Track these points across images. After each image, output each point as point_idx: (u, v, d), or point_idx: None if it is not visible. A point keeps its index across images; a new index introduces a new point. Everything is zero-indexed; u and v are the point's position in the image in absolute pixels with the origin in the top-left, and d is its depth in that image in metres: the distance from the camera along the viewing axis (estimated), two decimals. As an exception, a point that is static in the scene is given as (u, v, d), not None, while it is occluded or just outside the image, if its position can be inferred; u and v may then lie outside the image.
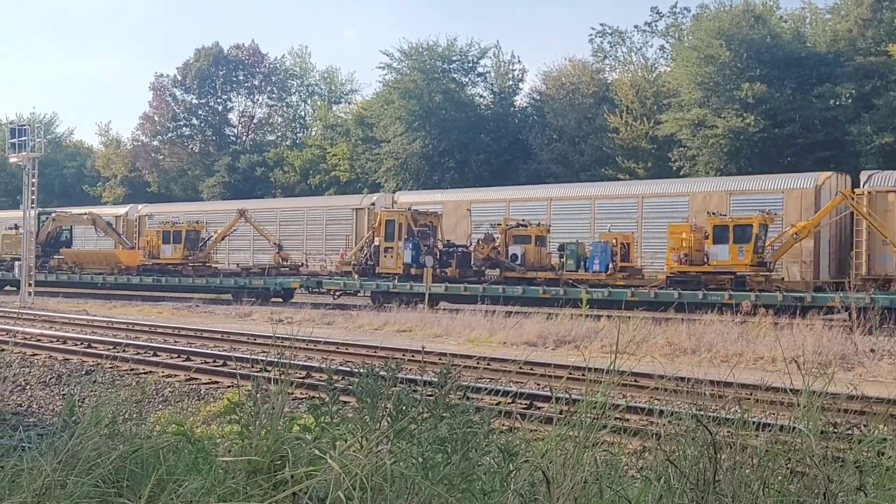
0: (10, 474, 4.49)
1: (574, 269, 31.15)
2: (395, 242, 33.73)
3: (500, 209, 38.66)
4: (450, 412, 4.38)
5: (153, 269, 41.29)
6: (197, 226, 42.09)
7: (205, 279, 39.67)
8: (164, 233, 41.54)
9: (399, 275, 33.35)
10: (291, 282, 37.43)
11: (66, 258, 45.58)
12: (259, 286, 37.19)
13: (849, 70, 45.21)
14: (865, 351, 18.60)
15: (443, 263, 33.34)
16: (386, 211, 35.43)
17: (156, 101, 78.23)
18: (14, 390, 15.15)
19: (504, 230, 32.87)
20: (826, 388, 4.72)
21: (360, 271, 34.98)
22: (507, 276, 32.13)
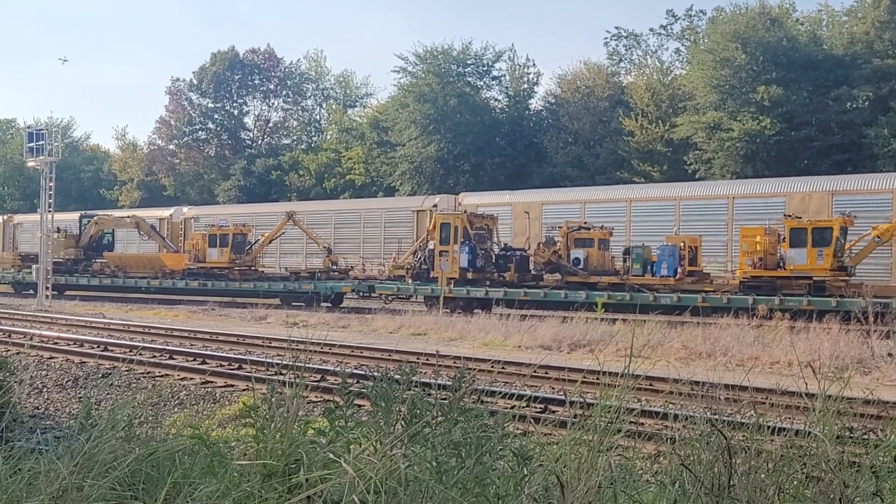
0: (27, 477, 4.52)
1: (640, 274, 29.94)
2: (451, 246, 32.57)
3: (574, 211, 37.36)
4: (464, 416, 4.38)
5: (199, 273, 40.26)
6: (244, 229, 40.95)
7: (252, 283, 38.81)
8: (211, 236, 40.45)
9: (455, 279, 32.27)
10: (342, 286, 36.28)
11: (109, 262, 44.80)
12: (309, 291, 36.18)
13: (866, 73, 45.01)
14: (882, 355, 18.48)
15: (500, 267, 32.39)
16: (441, 213, 34.31)
17: (172, 105, 78.66)
18: (31, 393, 15.24)
19: (565, 233, 31.75)
20: (842, 393, 4.70)
21: (414, 275, 33.80)
22: (568, 281, 31.05)
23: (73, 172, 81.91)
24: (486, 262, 32.31)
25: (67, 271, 44.51)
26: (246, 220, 44.16)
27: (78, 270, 44.65)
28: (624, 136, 52.69)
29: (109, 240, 47.98)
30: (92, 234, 45.90)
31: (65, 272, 44.29)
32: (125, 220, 46.79)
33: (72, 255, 45.05)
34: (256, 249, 40.92)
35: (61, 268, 44.23)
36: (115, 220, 47.74)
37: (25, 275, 45.40)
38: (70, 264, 44.84)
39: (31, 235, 58.50)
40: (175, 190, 76.54)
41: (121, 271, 43.63)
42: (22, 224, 61.77)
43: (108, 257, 45.29)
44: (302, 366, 5.11)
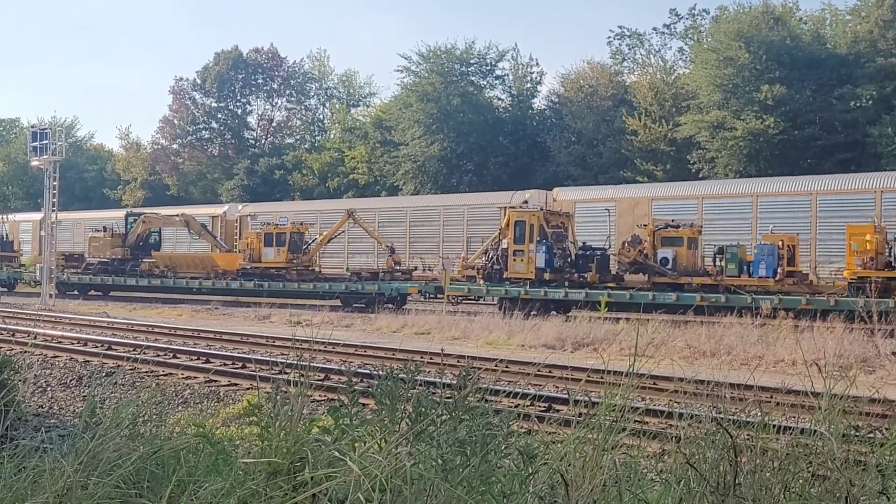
0: (32, 475, 4.52)
1: (736, 275, 28.15)
2: (526, 245, 30.92)
3: (689, 207, 35.01)
4: (469, 414, 4.38)
5: (253, 274, 38.70)
6: (301, 227, 39.51)
7: (312, 284, 37.34)
8: (267, 235, 38.84)
9: (531, 280, 30.53)
10: (409, 287, 34.91)
11: (158, 262, 43.47)
12: (372, 292, 34.85)
13: (869, 71, 44.96)
14: (887, 354, 18.46)
15: (580, 267, 30.73)
16: (515, 211, 32.67)
17: (175, 104, 78.71)
18: (35, 392, 15.27)
19: (651, 232, 29.96)
20: (847, 391, 4.69)
21: (486, 276, 32.01)
22: (655, 282, 29.31)
23: (76, 172, 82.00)
24: (564, 261, 30.83)
25: (114, 272, 43.49)
26: (305, 218, 42.94)
27: (125, 271, 43.44)
28: (627, 135, 52.66)
29: (156, 239, 46.49)
30: (139, 232, 44.57)
31: (111, 273, 43.41)
32: (174, 218, 44.95)
33: (118, 255, 43.87)
34: (314, 249, 39.46)
35: (108, 268, 43.52)
36: (164, 219, 46.09)
37: (70, 275, 44.60)
38: (117, 264, 43.73)
39: (70, 234, 57.62)
40: (178, 189, 76.62)
41: (170, 272, 42.31)
42: (60, 222, 60.42)
43: (156, 257, 43.97)
44: (306, 364, 5.10)
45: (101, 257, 44.13)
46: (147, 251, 44.53)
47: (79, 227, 57.23)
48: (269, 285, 37.50)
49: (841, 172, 37.64)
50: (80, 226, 56.92)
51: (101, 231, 45.48)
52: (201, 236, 44.29)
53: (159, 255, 44.35)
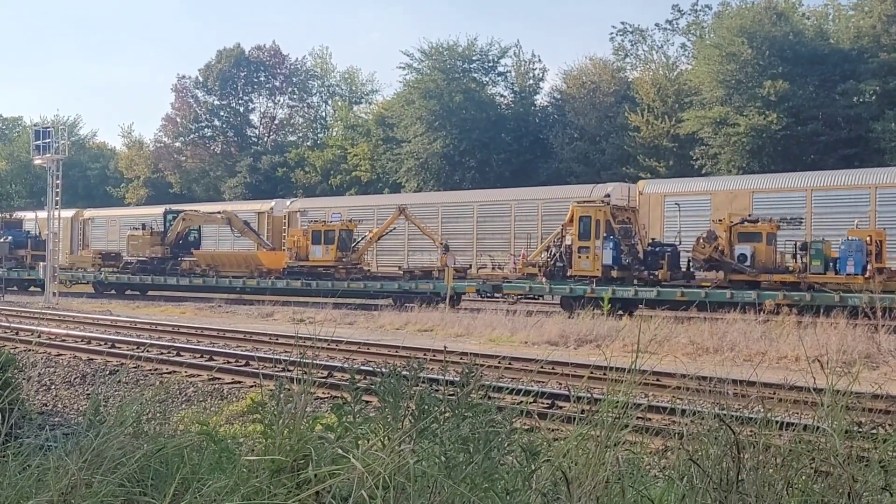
0: (36, 473, 4.53)
1: (821, 272, 26.69)
2: (592, 241, 29.60)
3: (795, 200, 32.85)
4: (472, 411, 4.39)
5: (300, 272, 37.53)
6: (350, 224, 38.32)
7: (362, 283, 36.21)
8: (315, 232, 37.62)
9: (597, 278, 29.34)
10: (466, 286, 33.44)
11: (200, 260, 42.01)
12: (427, 291, 33.60)
13: (872, 67, 44.91)
14: (890, 350, 18.44)
15: (650, 265, 29.46)
16: (580, 206, 31.09)
17: (178, 102, 78.77)
18: (39, 390, 15.30)
19: (728, 227, 28.51)
20: (850, 388, 4.70)
21: (548, 274, 30.64)
22: (732, 280, 28.09)
23: (79, 170, 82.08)
24: (632, 258, 29.59)
25: (154, 271, 42.44)
26: (357, 214, 41.90)
27: (165, 270, 42.24)
28: (630, 131, 52.63)
29: (196, 237, 44.94)
30: (179, 230, 43.21)
31: (151, 272, 42.44)
32: (216, 215, 43.45)
33: (158, 254, 42.65)
34: (364, 246, 38.10)
35: (147, 267, 42.60)
36: (205, 216, 44.55)
37: (108, 274, 43.75)
38: (156, 263, 42.55)
39: (104, 231, 56.60)
40: (181, 187, 76.69)
41: (212, 270, 40.93)
42: (94, 219, 58.75)
43: (198, 256, 42.54)
44: (309, 362, 5.11)
45: (140, 256, 43.01)
46: (187, 249, 43.32)
47: (113, 224, 56.19)
48: (318, 284, 36.18)
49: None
50: (115, 223, 55.82)
51: (140, 229, 44.36)
52: (244, 234, 42.72)
53: (201, 253, 43.00)
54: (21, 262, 48.35)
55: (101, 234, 56.59)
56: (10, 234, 49.91)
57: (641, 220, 32.76)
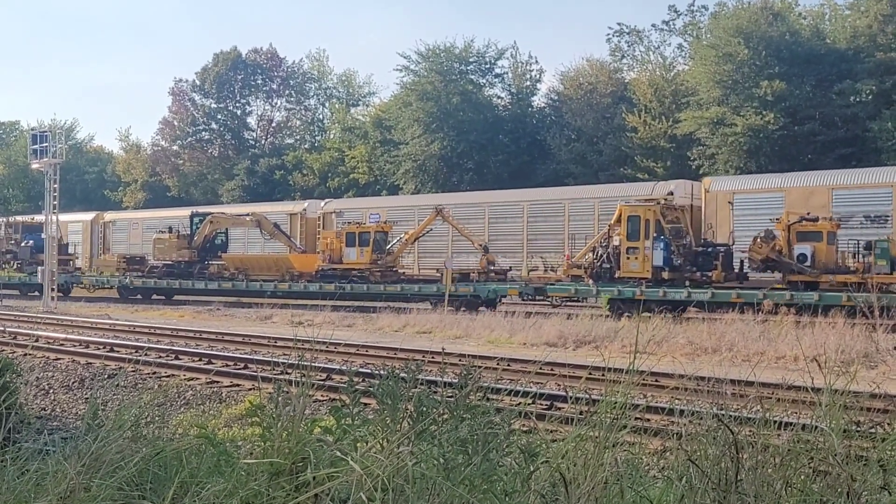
0: (35, 477, 4.53)
1: (888, 272, 25.70)
2: (641, 241, 28.71)
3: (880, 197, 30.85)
4: (470, 413, 4.39)
5: (333, 275, 36.54)
6: (385, 226, 37.44)
7: (399, 286, 35.16)
8: (349, 234, 36.73)
9: (647, 279, 28.47)
10: (508, 289, 32.50)
11: (228, 264, 41.25)
12: (467, 294, 32.54)
13: (869, 66, 44.93)
14: (888, 349, 18.46)
15: (702, 265, 28.61)
16: (628, 205, 30.15)
17: (175, 106, 78.73)
18: (38, 394, 15.29)
19: (786, 226, 27.53)
20: (848, 387, 4.70)
21: (594, 275, 29.72)
22: (790, 281, 27.09)
23: (77, 174, 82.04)
24: (684, 259, 28.69)
25: (181, 275, 41.60)
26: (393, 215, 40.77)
27: (192, 274, 41.44)
28: (627, 132, 52.62)
29: (223, 240, 43.80)
30: (206, 233, 42.14)
31: (178, 276, 41.61)
32: (244, 218, 41.97)
33: (185, 257, 41.91)
34: (399, 248, 36.99)
35: (174, 271, 41.79)
36: (233, 219, 43.22)
37: (133, 279, 43.01)
38: (184, 267, 41.81)
39: (126, 235, 55.25)
40: (179, 191, 76.68)
41: (241, 274, 40.13)
42: (115, 222, 57.36)
43: (226, 259, 41.83)
44: (308, 365, 5.11)
45: (167, 260, 42.18)
46: (214, 253, 42.59)
47: (135, 227, 55.02)
48: (352, 287, 35.55)
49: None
50: (137, 226, 54.67)
51: (167, 232, 43.31)
52: (274, 236, 41.34)
53: (230, 256, 42.23)
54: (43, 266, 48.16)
55: (123, 237, 55.47)
56: (31, 238, 49.01)
57: (708, 220, 31.98)
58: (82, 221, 57.61)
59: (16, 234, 50.40)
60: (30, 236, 49.34)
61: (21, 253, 48.44)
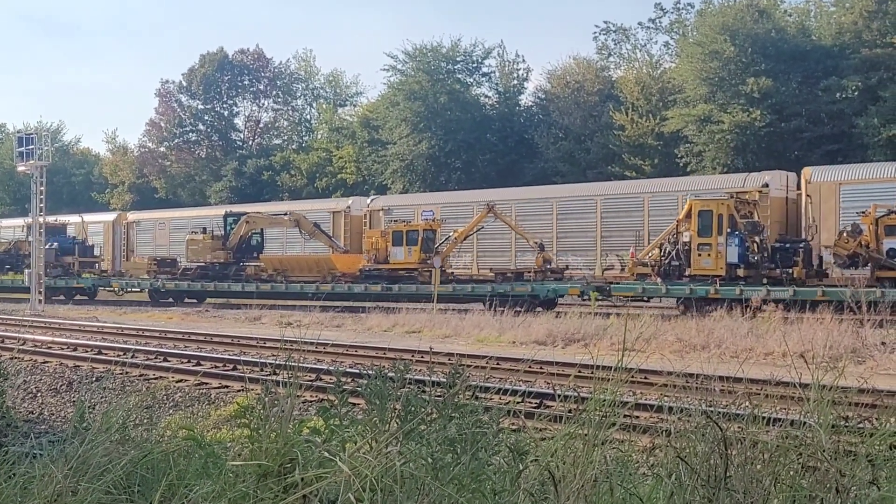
0: (22, 481, 4.51)
1: None
2: (714, 237, 27.48)
3: None
4: (459, 412, 4.38)
5: (379, 276, 35.28)
6: (434, 224, 36.18)
7: (451, 286, 33.40)
8: (396, 233, 35.44)
9: (721, 277, 27.34)
10: (569, 288, 30.94)
11: (266, 265, 40.07)
12: (524, 293, 31.08)
13: (854, 63, 45.12)
14: (876, 344, 18.53)
15: (780, 262, 27.35)
16: (699, 199, 28.83)
17: (162, 107, 78.53)
18: (25, 398, 15.22)
19: (874, 219, 26.15)
20: (836, 382, 4.71)
21: (662, 273, 28.50)
22: (879, 277, 25.84)
23: (63, 176, 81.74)
24: (762, 255, 27.51)
25: (216, 277, 40.06)
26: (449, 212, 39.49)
27: (228, 276, 39.86)
28: (614, 130, 52.72)
29: (258, 240, 42.23)
30: (242, 234, 40.48)
31: (212, 278, 40.10)
32: (282, 217, 40.48)
33: (220, 259, 40.29)
34: (449, 247, 35.48)
35: (208, 273, 40.50)
36: (270, 219, 41.65)
37: (165, 281, 41.48)
38: (218, 269, 40.25)
39: (151, 235, 53.13)
40: (166, 192, 76.49)
41: (280, 275, 38.84)
42: (139, 223, 55.00)
43: (264, 260, 40.54)
44: (296, 365, 5.10)
45: (201, 261, 40.75)
46: (249, 254, 41.24)
47: (162, 227, 52.98)
48: (400, 288, 34.22)
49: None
50: (164, 226, 52.69)
51: (200, 232, 41.73)
52: (314, 236, 39.54)
53: (268, 257, 40.98)
54: (68, 269, 45.96)
55: (148, 238, 53.29)
56: (55, 240, 47.14)
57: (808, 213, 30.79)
58: (104, 222, 55.55)
59: None
60: (53, 238, 47.18)
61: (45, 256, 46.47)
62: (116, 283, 43.82)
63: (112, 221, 55.22)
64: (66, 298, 44.01)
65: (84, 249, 47.46)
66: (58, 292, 43.80)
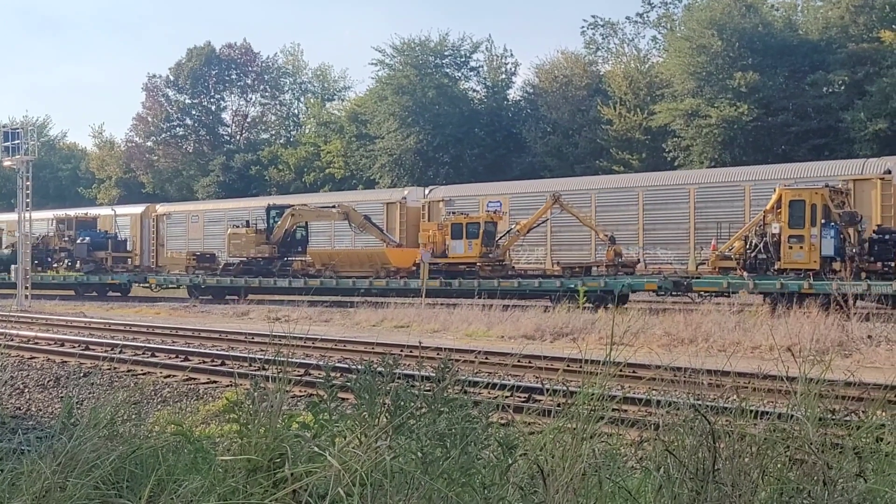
0: (9, 477, 4.49)
1: None
2: (806, 229, 26.09)
3: None
4: (448, 407, 4.38)
5: (437, 270, 33.56)
6: (495, 216, 34.53)
7: (516, 281, 31.87)
8: (455, 225, 33.71)
9: (814, 271, 25.90)
10: (645, 283, 29.53)
11: (314, 260, 38.31)
12: (597, 289, 29.36)
13: (841, 57, 45.28)
14: (862, 337, 18.63)
15: (877, 255, 26.06)
16: (790, 189, 27.19)
17: (149, 101, 78.21)
18: (13, 394, 15.15)
19: None
20: (823, 375, 4.73)
21: (748, 267, 27.11)
22: None
23: (50, 171, 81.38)
24: (860, 248, 26.10)
25: (260, 272, 38.18)
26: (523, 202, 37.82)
27: (273, 271, 38.03)
28: (602, 124, 52.81)
29: (303, 234, 40.48)
30: (287, 227, 38.61)
31: (256, 273, 38.22)
32: (330, 209, 38.53)
33: (265, 253, 38.37)
34: (511, 239, 34.10)
35: (251, 268, 38.63)
36: (317, 211, 39.69)
37: (206, 277, 39.68)
38: (263, 264, 38.38)
39: (184, 228, 50.43)
40: (154, 187, 76.23)
41: (329, 270, 36.91)
42: (170, 215, 52.16)
43: (312, 255, 38.85)
44: (285, 360, 5.09)
45: (243, 256, 39.04)
46: (294, 248, 39.47)
47: (195, 220, 50.44)
48: (461, 283, 32.54)
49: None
50: (198, 219, 50.22)
51: (243, 226, 39.83)
52: (364, 229, 37.64)
53: (316, 252, 39.28)
54: (100, 264, 44.12)
55: (180, 231, 50.72)
56: (87, 234, 45.59)
57: None
58: (131, 215, 52.98)
59: (69, 231, 46.33)
60: (84, 232, 45.80)
61: (77, 251, 44.51)
62: (153, 278, 42.18)
63: (140, 214, 52.82)
64: (99, 295, 42.60)
65: (117, 244, 45.63)
66: (90, 289, 42.82)
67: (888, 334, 19.33)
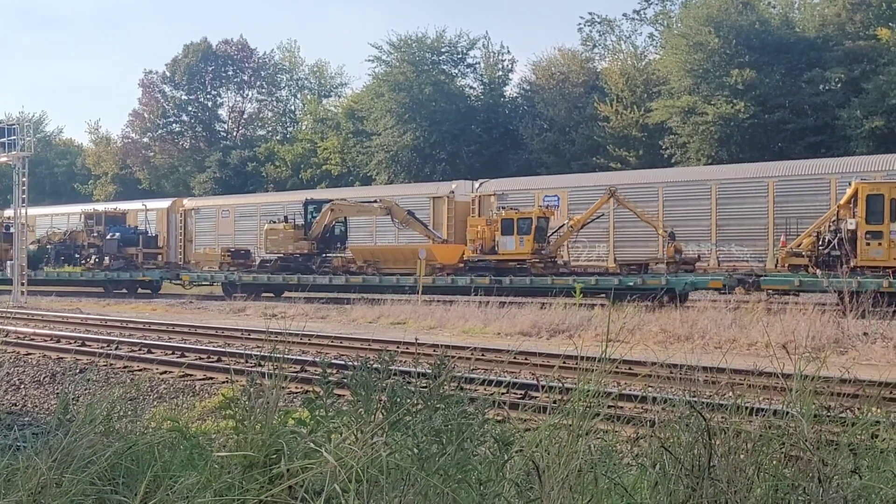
0: (5, 473, 4.49)
1: None
2: (886, 224, 25.18)
3: None
4: (444, 403, 4.39)
5: (485, 267, 32.75)
6: (547, 211, 33.67)
7: (570, 278, 30.55)
8: (505, 221, 32.62)
9: (893, 269, 25.08)
10: (710, 280, 28.51)
11: (356, 256, 37.33)
12: (656, 286, 28.43)
13: (838, 54, 45.32)
14: (858, 334, 18.66)
15: None
16: (867, 183, 26.19)
17: (145, 97, 78.09)
18: (8, 390, 15.14)
19: None
20: (819, 372, 4.74)
21: (820, 264, 26.21)
22: None
23: (46, 167, 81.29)
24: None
25: (298, 269, 37.27)
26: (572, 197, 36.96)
27: (311, 268, 37.15)
28: (599, 121, 52.81)
29: (342, 230, 39.27)
30: (326, 222, 37.54)
31: (294, 270, 37.34)
32: (372, 205, 37.18)
33: (304, 249, 37.44)
34: (563, 236, 32.94)
35: (289, 265, 37.77)
36: (358, 207, 38.35)
37: (242, 274, 38.71)
38: (301, 260, 37.51)
39: (213, 223, 49.13)
40: (150, 183, 76.15)
41: (371, 267, 36.11)
42: (198, 210, 50.87)
43: (353, 251, 37.88)
44: (281, 357, 5.09)
45: (281, 252, 38.14)
46: (333, 244, 38.42)
47: (226, 215, 49.01)
48: (512, 281, 31.50)
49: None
50: (228, 214, 48.89)
51: (283, 221, 38.81)
52: (408, 225, 36.62)
53: (358, 248, 38.38)
54: (131, 261, 43.28)
55: (209, 226, 49.44)
56: (116, 230, 44.71)
57: None
58: (157, 210, 51.57)
59: (98, 226, 45.26)
60: (114, 228, 44.91)
61: (106, 247, 43.73)
62: (186, 275, 41.23)
63: (167, 209, 51.46)
64: (129, 292, 41.95)
65: (148, 240, 44.72)
66: (120, 286, 42.27)
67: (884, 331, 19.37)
